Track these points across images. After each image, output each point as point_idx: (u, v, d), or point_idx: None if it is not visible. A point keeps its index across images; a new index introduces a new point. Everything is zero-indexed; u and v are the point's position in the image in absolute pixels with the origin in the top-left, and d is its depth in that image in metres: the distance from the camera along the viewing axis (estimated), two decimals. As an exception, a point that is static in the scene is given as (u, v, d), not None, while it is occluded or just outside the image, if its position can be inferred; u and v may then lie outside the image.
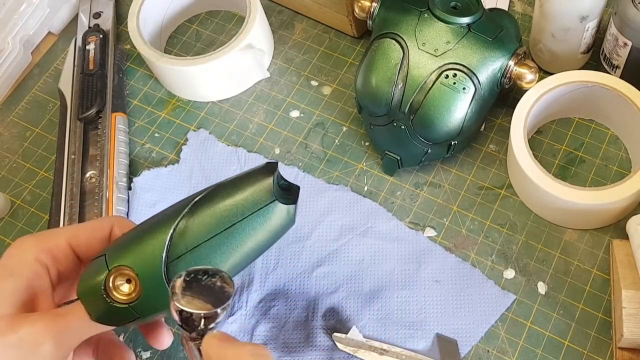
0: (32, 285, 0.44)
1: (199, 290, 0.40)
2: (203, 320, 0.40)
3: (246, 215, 0.44)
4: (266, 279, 0.59)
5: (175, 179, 0.65)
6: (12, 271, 0.44)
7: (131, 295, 0.43)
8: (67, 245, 0.46)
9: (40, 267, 0.44)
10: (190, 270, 0.41)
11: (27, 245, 0.45)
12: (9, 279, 0.43)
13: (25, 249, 0.45)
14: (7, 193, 0.66)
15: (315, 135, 0.67)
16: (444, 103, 0.57)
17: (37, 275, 0.44)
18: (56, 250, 0.45)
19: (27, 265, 0.44)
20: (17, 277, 0.43)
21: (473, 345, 0.55)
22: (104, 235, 0.47)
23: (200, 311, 0.40)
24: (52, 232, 0.47)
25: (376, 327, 0.56)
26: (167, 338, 0.48)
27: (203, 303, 0.40)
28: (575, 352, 0.55)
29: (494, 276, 0.58)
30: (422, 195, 0.62)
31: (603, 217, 0.58)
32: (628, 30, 0.58)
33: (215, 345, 0.40)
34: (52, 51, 0.75)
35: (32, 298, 0.44)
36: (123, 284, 0.43)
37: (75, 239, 0.46)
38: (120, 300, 0.43)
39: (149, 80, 0.72)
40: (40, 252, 0.44)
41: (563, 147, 0.63)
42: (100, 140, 0.65)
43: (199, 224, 0.44)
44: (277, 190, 0.46)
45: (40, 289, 0.44)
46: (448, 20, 0.57)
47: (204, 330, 0.40)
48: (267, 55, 0.70)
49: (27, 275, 0.43)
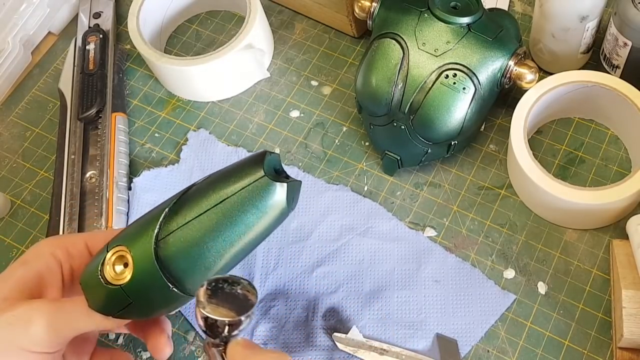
0: (42, 275, 0.45)
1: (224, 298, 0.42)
2: (227, 328, 0.41)
3: (236, 190, 0.45)
4: (266, 279, 0.59)
5: (176, 179, 0.65)
6: (25, 261, 0.46)
7: (124, 275, 0.44)
8: (83, 244, 0.48)
9: (53, 261, 0.46)
10: (210, 279, 0.42)
11: (47, 242, 0.48)
12: (21, 268, 0.45)
13: (43, 244, 0.47)
14: (7, 193, 0.66)
15: (315, 135, 0.67)
16: (444, 103, 0.57)
17: (48, 267, 0.46)
18: (72, 248, 0.47)
19: (41, 257, 0.46)
20: (28, 266, 0.45)
21: (473, 345, 0.55)
22: None
23: (225, 318, 0.41)
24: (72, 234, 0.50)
25: (376, 327, 0.56)
26: (167, 348, 0.49)
27: (227, 311, 0.41)
28: (575, 352, 0.55)
29: (494, 276, 0.58)
30: (422, 195, 0.62)
31: (603, 217, 0.58)
32: (628, 30, 0.58)
33: (239, 353, 0.42)
34: (52, 51, 0.75)
35: (39, 288, 0.45)
36: (120, 267, 0.44)
37: (93, 239, 0.48)
38: (113, 280, 0.44)
39: (149, 80, 0.72)
40: (56, 247, 0.47)
41: (563, 147, 0.63)
42: (100, 140, 0.65)
43: (190, 202, 0.45)
44: (270, 171, 0.46)
45: (49, 281, 0.46)
46: (448, 20, 0.57)
47: (228, 337, 0.42)
48: (267, 55, 0.70)
49: (39, 266, 0.46)
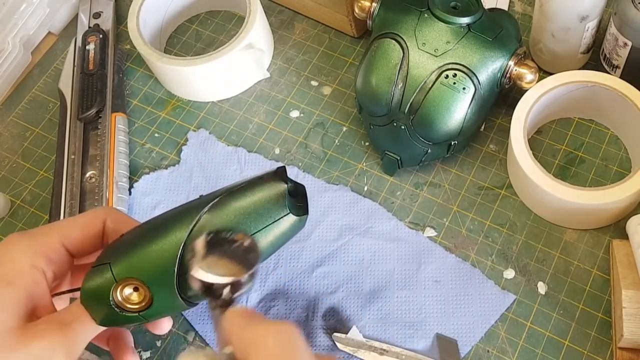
0: (32, 293, 0.43)
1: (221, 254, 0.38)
2: (228, 289, 0.37)
3: (259, 228, 0.43)
4: (266, 279, 0.59)
5: (176, 180, 0.65)
6: (9, 281, 0.42)
7: (141, 304, 0.42)
8: (60, 245, 0.45)
9: (37, 274, 0.43)
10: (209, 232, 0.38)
11: (20, 248, 0.44)
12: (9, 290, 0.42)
13: (18, 251, 0.43)
14: (7, 193, 0.66)
15: (315, 135, 0.67)
16: (444, 103, 0.57)
17: (35, 283, 0.43)
18: (50, 253, 0.44)
19: (25, 274, 0.43)
20: (17, 288, 0.42)
21: (473, 345, 0.55)
22: (97, 231, 0.46)
23: (224, 279, 0.37)
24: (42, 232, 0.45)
25: (376, 327, 0.56)
26: (166, 323, 0.48)
27: (227, 268, 0.37)
28: (575, 352, 0.55)
29: (494, 276, 0.58)
30: (422, 195, 0.62)
31: (603, 217, 0.58)
32: (628, 30, 0.58)
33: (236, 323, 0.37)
34: (52, 51, 0.75)
35: (33, 307, 0.43)
36: (132, 294, 0.42)
37: (68, 237, 0.45)
38: (130, 309, 0.42)
39: (149, 80, 0.72)
40: (35, 256, 0.43)
41: (563, 147, 0.63)
42: (100, 140, 0.65)
43: None
44: (289, 200, 0.45)
45: (39, 296, 0.43)
46: (448, 20, 0.57)
47: (231, 299, 0.38)
48: (267, 55, 0.70)
49: (26, 285, 0.43)
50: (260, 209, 0.43)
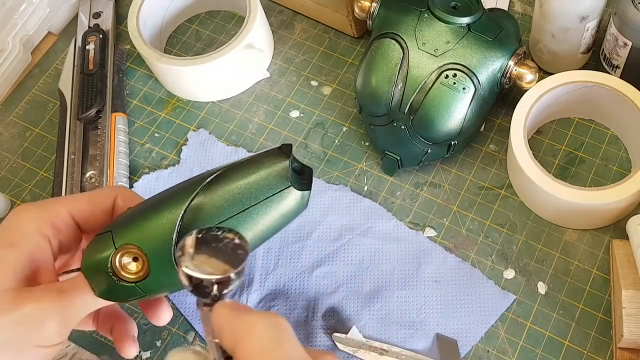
0: (35, 258, 0.43)
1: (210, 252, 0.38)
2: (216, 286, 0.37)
3: (260, 199, 0.43)
4: (266, 279, 0.59)
5: (176, 180, 0.64)
6: (13, 243, 0.42)
7: (138, 274, 0.43)
8: (68, 215, 0.45)
9: (42, 239, 0.43)
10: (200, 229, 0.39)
11: (29, 215, 0.44)
12: (11, 251, 0.42)
13: (26, 218, 0.43)
14: (7, 193, 0.66)
15: (315, 135, 0.67)
16: (444, 103, 0.57)
17: (39, 247, 0.43)
18: (58, 221, 0.44)
19: (29, 237, 0.43)
20: (19, 250, 0.42)
21: (473, 345, 0.55)
22: (107, 207, 0.46)
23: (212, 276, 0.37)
24: (54, 202, 0.45)
25: (376, 327, 0.56)
26: (166, 314, 0.48)
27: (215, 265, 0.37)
28: (575, 352, 0.55)
29: (494, 276, 0.58)
30: (422, 195, 0.62)
31: (603, 217, 0.58)
32: (628, 30, 0.58)
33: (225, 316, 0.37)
34: (52, 51, 0.75)
35: (34, 271, 0.43)
36: (130, 263, 0.43)
37: (78, 209, 0.45)
38: (127, 278, 0.43)
39: (149, 80, 0.72)
40: (42, 223, 0.43)
41: (563, 147, 0.63)
42: (100, 140, 0.65)
43: (210, 206, 0.43)
44: (292, 175, 0.45)
45: (42, 262, 0.43)
46: (448, 20, 0.57)
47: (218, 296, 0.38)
48: (267, 55, 0.70)
49: (29, 248, 0.42)
50: (261, 181, 0.44)
